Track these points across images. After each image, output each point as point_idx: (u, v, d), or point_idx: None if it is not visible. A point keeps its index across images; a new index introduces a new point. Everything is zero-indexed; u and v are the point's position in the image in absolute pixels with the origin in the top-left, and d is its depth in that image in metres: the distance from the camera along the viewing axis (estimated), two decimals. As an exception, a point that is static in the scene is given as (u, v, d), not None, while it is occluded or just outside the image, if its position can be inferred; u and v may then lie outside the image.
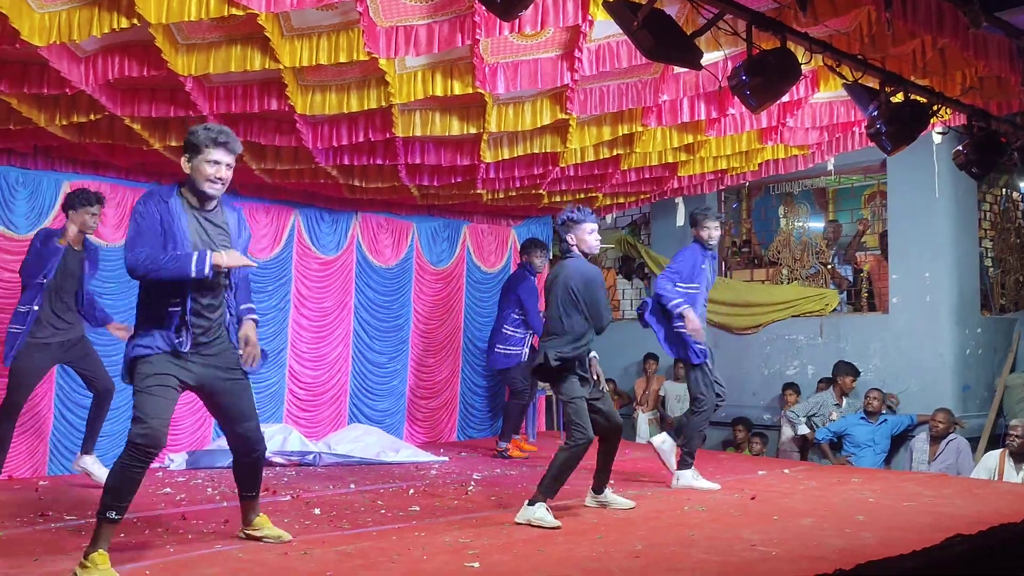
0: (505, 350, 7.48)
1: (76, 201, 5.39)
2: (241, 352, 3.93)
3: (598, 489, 5.13)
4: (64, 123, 5.27)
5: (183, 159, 3.74)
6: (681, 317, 5.61)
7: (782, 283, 9.20)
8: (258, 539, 4.14)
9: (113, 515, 3.58)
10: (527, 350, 7.45)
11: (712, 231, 5.86)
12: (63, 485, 5.74)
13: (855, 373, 8.02)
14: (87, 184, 6.51)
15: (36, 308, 5.25)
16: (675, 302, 5.65)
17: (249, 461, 4.12)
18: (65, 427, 6.40)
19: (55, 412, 6.38)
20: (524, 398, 7.52)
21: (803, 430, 8.13)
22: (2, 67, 4.67)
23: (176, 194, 3.77)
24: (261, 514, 4.24)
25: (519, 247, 7.79)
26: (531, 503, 4.65)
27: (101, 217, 5.64)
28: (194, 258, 3.60)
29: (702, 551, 4.06)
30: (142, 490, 5.28)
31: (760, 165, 7.44)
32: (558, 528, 4.50)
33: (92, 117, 5.21)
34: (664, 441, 5.88)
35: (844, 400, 8.00)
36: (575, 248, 4.91)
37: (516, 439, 7.64)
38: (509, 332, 7.48)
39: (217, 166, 3.70)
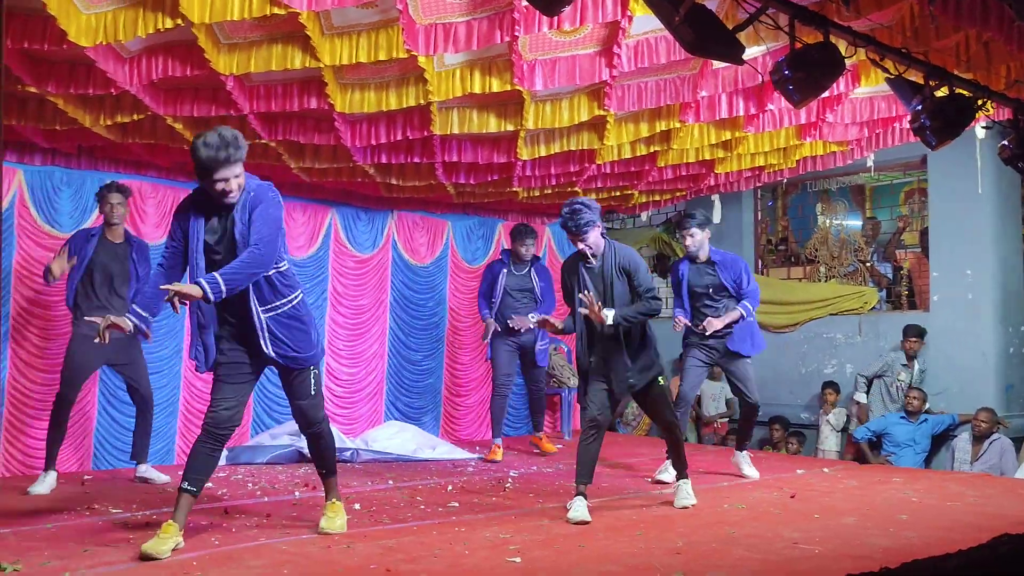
0: None
1: (97, 194, 5.61)
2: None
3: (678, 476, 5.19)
4: (108, 123, 5.35)
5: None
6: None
7: (820, 281, 9.11)
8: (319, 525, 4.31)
9: (185, 485, 3.92)
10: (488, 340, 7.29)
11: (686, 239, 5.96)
12: (109, 479, 5.83)
13: (920, 334, 7.90)
14: (129, 183, 6.62)
15: (71, 304, 5.45)
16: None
17: (308, 434, 4.36)
18: (109, 423, 6.50)
19: (99, 407, 6.49)
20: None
21: (861, 397, 8.08)
22: (50, 68, 4.76)
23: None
24: (334, 501, 4.38)
25: (510, 234, 7.45)
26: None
27: (132, 209, 5.75)
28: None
29: (743, 548, 4.03)
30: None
31: (798, 162, 7.37)
32: None
33: (135, 117, 5.29)
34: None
35: (914, 363, 7.90)
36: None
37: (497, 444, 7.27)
38: None
39: (225, 182, 3.83)
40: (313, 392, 4.24)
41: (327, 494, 4.41)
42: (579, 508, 4.62)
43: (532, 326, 6.66)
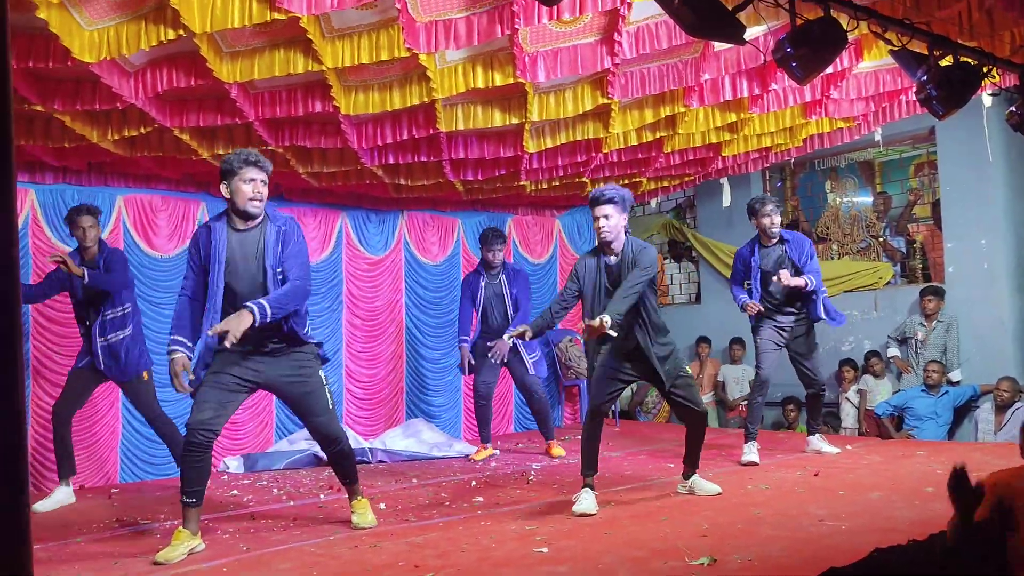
0: None
1: (66, 218, 5.54)
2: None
3: (686, 475, 5.07)
4: (116, 138, 5.39)
5: (222, 186, 4.07)
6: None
7: (832, 259, 9.07)
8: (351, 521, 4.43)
9: (185, 499, 4.02)
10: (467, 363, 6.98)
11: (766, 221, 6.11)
12: (135, 492, 5.88)
13: (937, 293, 7.87)
14: (139, 197, 6.69)
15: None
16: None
17: (330, 452, 4.44)
18: (134, 435, 6.55)
19: (122, 421, 6.54)
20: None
21: (893, 351, 8.08)
22: (56, 86, 4.79)
23: (224, 219, 4.12)
24: (360, 498, 4.51)
25: (480, 239, 7.12)
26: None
27: (144, 223, 5.75)
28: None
29: (769, 528, 4.03)
30: (211, 493, 5.43)
31: (805, 140, 7.34)
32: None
33: (143, 130, 5.33)
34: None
35: (933, 322, 7.87)
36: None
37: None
38: None
39: (253, 183, 4.02)
40: (330, 406, 4.33)
41: (352, 496, 4.51)
42: (585, 500, 4.61)
43: (507, 344, 6.53)
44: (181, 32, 3.98)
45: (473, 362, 6.90)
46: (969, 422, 7.63)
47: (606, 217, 4.65)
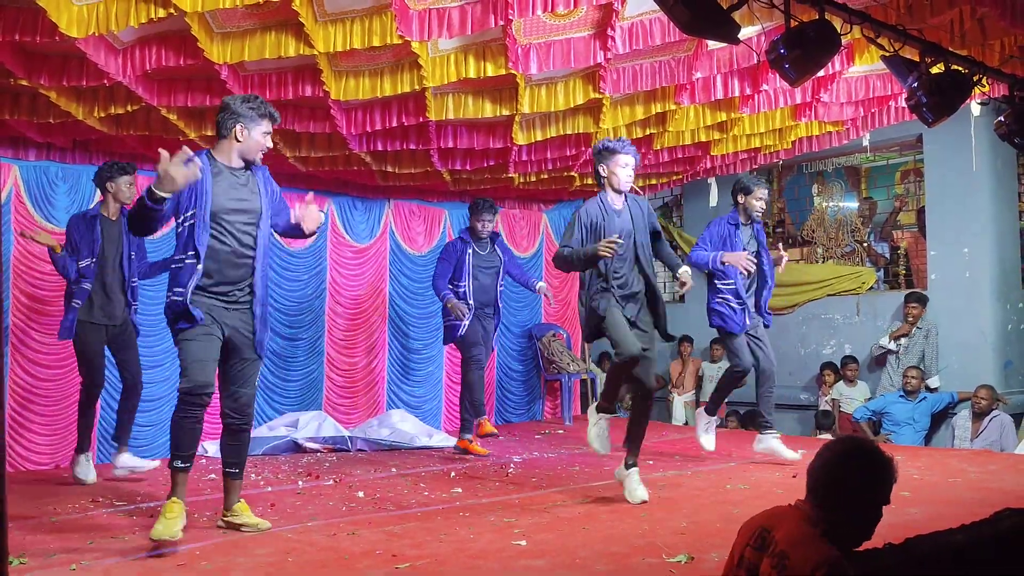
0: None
1: (112, 171, 5.41)
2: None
3: (627, 463, 4.85)
4: (102, 115, 5.32)
5: (237, 127, 3.97)
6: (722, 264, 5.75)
7: (817, 262, 9.11)
8: (237, 527, 4.05)
9: (178, 464, 3.85)
10: (466, 321, 6.64)
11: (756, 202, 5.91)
12: (111, 473, 5.81)
13: (921, 301, 7.91)
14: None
15: (88, 286, 5.30)
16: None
17: (243, 427, 4.10)
18: (112, 416, 6.46)
19: (101, 402, 6.46)
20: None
21: (891, 345, 8.07)
22: (42, 61, 4.73)
23: (207, 157, 3.98)
24: (242, 500, 4.18)
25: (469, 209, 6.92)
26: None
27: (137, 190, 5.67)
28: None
29: (747, 527, 4.04)
30: (190, 475, 5.40)
31: (793, 143, 7.37)
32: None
33: (129, 108, 5.27)
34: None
35: (913, 329, 7.89)
36: (605, 181, 4.82)
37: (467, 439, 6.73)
38: None
39: (267, 136, 4.07)
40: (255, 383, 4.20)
41: (236, 494, 4.16)
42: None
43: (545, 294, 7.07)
44: (172, 11, 3.95)
45: (466, 311, 6.53)
46: (946, 428, 7.69)
47: (631, 165, 4.78)
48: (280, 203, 4.22)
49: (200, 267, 3.85)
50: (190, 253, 3.86)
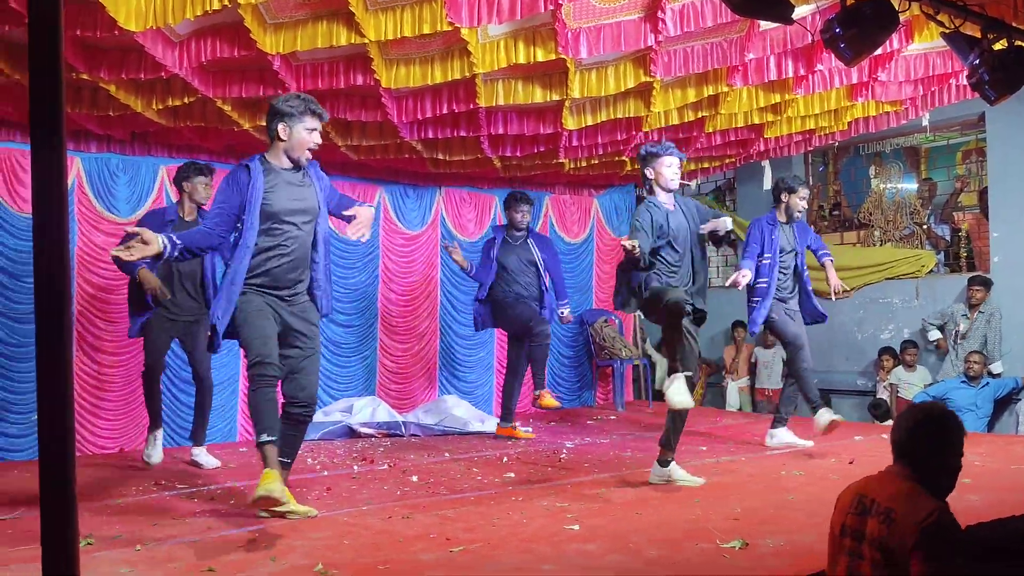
0: None
1: (189, 172, 5.51)
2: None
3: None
4: (160, 107, 5.44)
5: (279, 126, 3.98)
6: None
7: (874, 245, 8.93)
8: (282, 515, 4.00)
9: (265, 437, 3.82)
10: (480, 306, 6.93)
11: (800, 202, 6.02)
12: (174, 457, 5.97)
13: (985, 284, 7.71)
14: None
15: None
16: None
17: (300, 414, 4.08)
18: (174, 403, 6.64)
19: (163, 388, 6.63)
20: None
21: (935, 335, 7.94)
22: (102, 55, 4.84)
23: (259, 162, 4.01)
24: (286, 489, 4.07)
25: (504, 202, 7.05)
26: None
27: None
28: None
29: (802, 514, 4.01)
30: (245, 460, 5.52)
31: (850, 124, 7.22)
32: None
33: (186, 100, 5.37)
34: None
35: (975, 312, 7.72)
36: (653, 182, 4.91)
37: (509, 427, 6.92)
38: None
39: (313, 133, 4.02)
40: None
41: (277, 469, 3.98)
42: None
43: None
44: (226, 2, 4.00)
45: (473, 273, 6.90)
46: (1009, 415, 7.50)
47: (676, 165, 4.88)
48: (331, 192, 4.27)
49: (248, 263, 3.90)
50: (241, 255, 3.90)
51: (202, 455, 5.68)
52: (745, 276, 5.67)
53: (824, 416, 5.69)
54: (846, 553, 2.51)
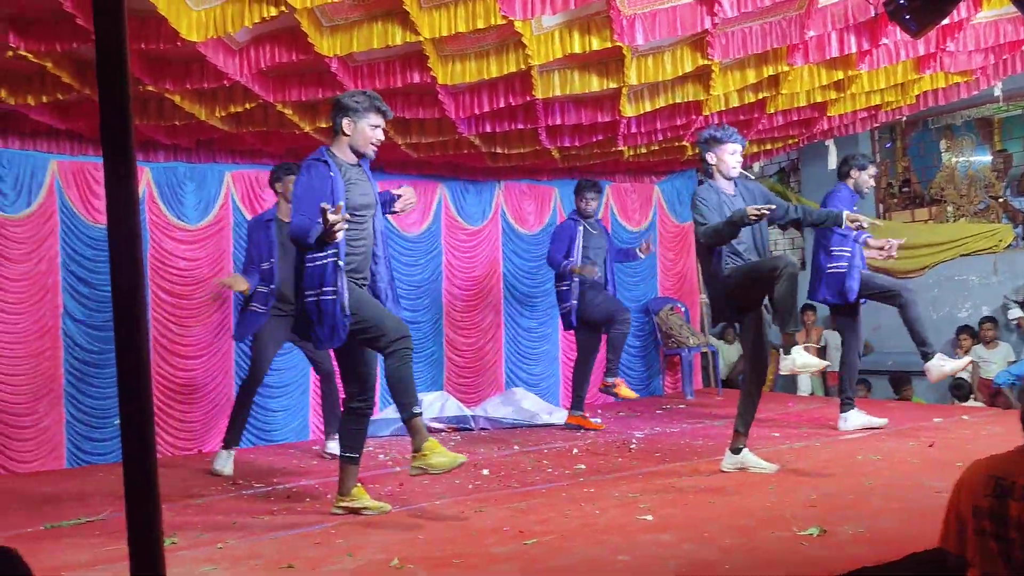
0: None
1: (280, 173, 5.63)
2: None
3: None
4: (223, 114, 5.55)
5: (344, 121, 4.06)
6: None
7: (947, 221, 8.66)
8: (356, 511, 4.12)
9: (416, 410, 3.99)
10: (575, 302, 6.76)
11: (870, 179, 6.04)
12: (251, 457, 6.10)
13: None
14: (245, 173, 6.90)
15: (272, 287, 5.46)
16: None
17: (361, 407, 4.23)
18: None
19: (235, 389, 6.78)
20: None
21: (1016, 312, 7.72)
22: (166, 66, 4.96)
23: (327, 153, 4.08)
24: (359, 484, 4.23)
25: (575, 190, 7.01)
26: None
27: (252, 196, 5.85)
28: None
29: (881, 499, 3.91)
30: (314, 457, 5.59)
31: (917, 97, 7.00)
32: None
33: (247, 106, 5.46)
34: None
35: None
36: (714, 168, 4.84)
37: (580, 415, 6.91)
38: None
39: (377, 129, 4.09)
40: None
41: (350, 481, 4.20)
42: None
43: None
44: (283, 8, 4.06)
45: (596, 271, 6.71)
46: (1097, 391, 7.22)
47: (738, 152, 4.84)
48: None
49: (342, 263, 3.93)
50: (330, 252, 3.91)
51: (333, 446, 5.61)
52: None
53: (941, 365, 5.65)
54: (987, 536, 2.42)
